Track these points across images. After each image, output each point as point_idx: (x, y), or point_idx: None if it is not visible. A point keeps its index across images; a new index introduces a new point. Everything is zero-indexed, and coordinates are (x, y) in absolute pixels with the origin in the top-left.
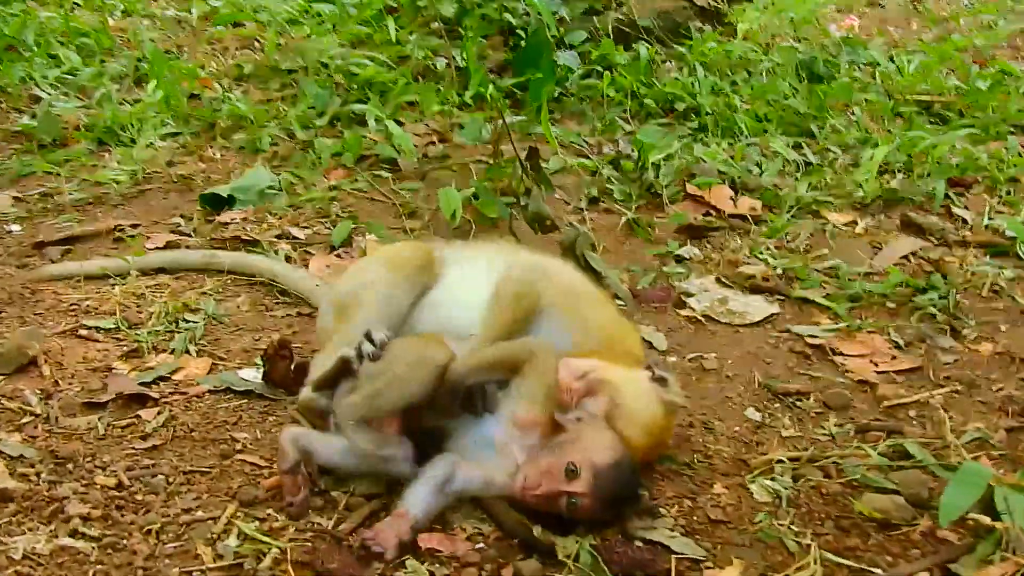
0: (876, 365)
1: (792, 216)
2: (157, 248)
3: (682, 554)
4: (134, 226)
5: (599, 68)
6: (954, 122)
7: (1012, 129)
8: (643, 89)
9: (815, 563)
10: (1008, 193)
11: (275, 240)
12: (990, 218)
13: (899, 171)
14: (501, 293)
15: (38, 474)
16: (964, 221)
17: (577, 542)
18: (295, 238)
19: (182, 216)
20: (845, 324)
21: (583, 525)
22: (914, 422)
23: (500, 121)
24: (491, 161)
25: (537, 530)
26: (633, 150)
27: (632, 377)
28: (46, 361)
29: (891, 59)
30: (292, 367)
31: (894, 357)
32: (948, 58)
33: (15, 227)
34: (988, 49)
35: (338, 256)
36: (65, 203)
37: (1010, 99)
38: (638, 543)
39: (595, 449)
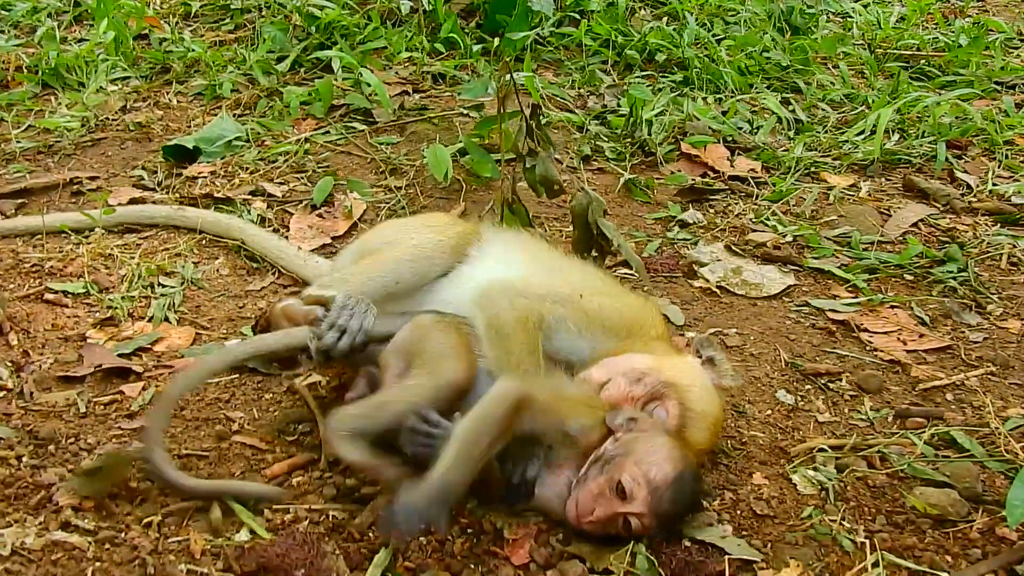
0: (904, 343)
1: (793, 178)
2: (121, 204)
3: (735, 555)
4: (92, 178)
5: (574, 15)
6: (937, 78)
7: (997, 87)
8: (621, 39)
9: (879, 567)
10: (1007, 156)
11: (249, 197)
12: (993, 183)
13: (893, 132)
14: (501, 324)
15: (19, 457)
16: (968, 186)
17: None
18: (271, 195)
19: (144, 168)
20: (867, 298)
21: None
22: (952, 406)
23: (506, 76)
24: (479, 116)
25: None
26: (619, 104)
27: (689, 369)
28: (12, 328)
29: (865, 6)
30: None
31: (922, 335)
32: (926, 11)
33: None
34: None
35: (320, 216)
36: (13, 151)
37: (995, 55)
38: (687, 542)
39: (650, 462)
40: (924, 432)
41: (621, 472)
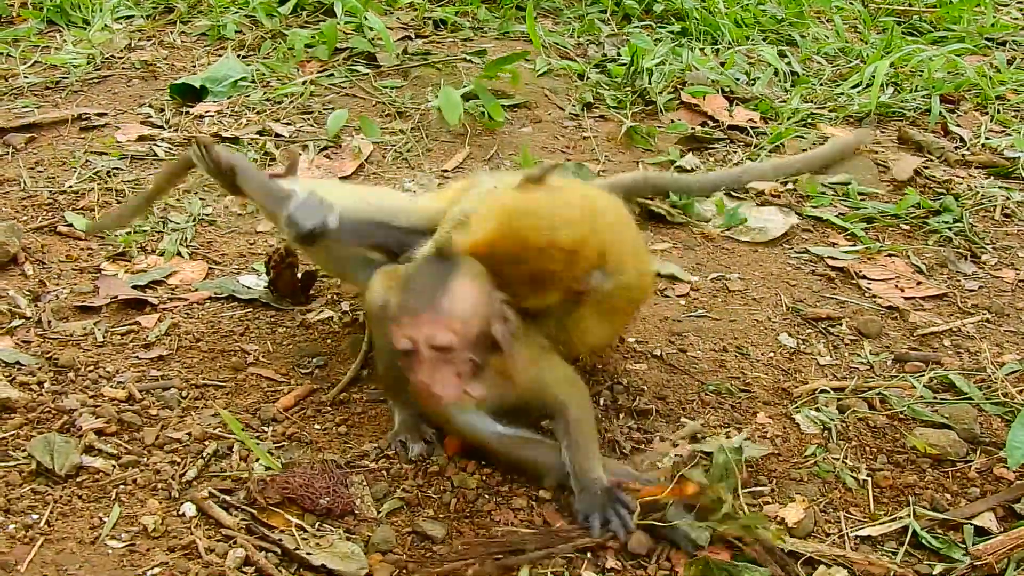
0: (902, 291)
1: (790, 129)
2: (130, 140)
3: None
4: (100, 115)
5: None
6: (929, 34)
7: (988, 43)
8: None
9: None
10: (999, 111)
11: (257, 137)
12: (986, 138)
13: (887, 86)
14: None
15: (40, 383)
16: (961, 139)
17: None
18: (278, 135)
19: (151, 106)
20: (865, 247)
21: None
22: (950, 352)
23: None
24: (481, 62)
25: None
26: (619, 54)
27: None
28: (27, 259)
29: None
30: (298, 277)
31: (919, 283)
32: None
33: None
34: None
35: (327, 157)
36: (21, 87)
37: (986, 12)
38: None
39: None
40: (923, 376)
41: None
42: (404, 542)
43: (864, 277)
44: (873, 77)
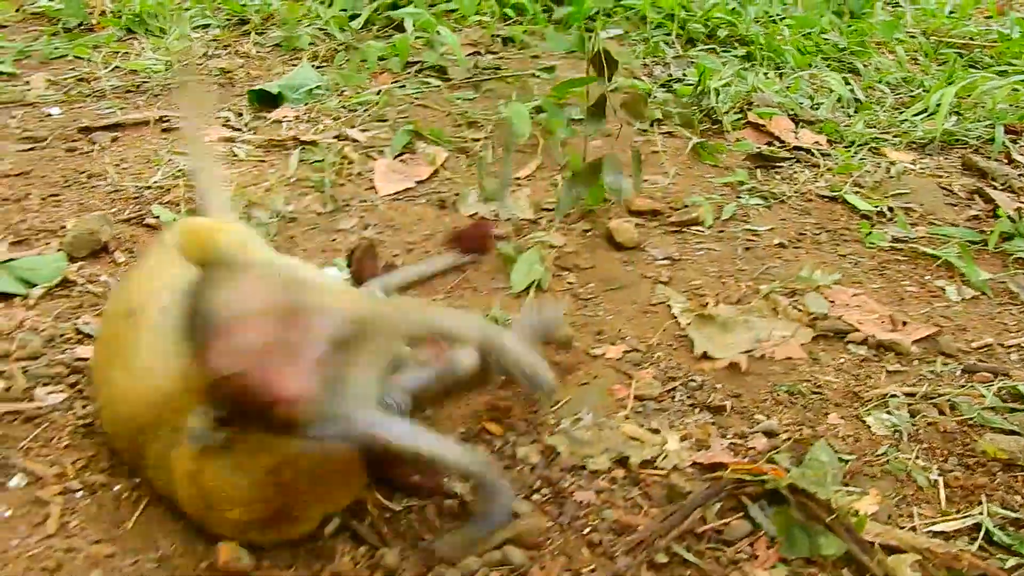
0: None
1: (856, 153)
2: (212, 141)
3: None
4: (180, 117)
5: None
6: (991, 67)
7: None
8: (684, 13)
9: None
10: None
11: (333, 141)
12: None
13: (950, 114)
14: None
15: None
16: None
17: None
18: (355, 140)
19: (230, 110)
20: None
21: None
22: (1017, 365)
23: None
24: (550, 77)
25: None
26: (685, 75)
27: None
28: (117, 248)
29: None
30: (379, 267)
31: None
32: (979, 2)
33: (55, 110)
34: None
35: (403, 162)
36: (103, 89)
37: None
38: None
39: None
40: (992, 385)
41: None
42: None
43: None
44: (938, 105)
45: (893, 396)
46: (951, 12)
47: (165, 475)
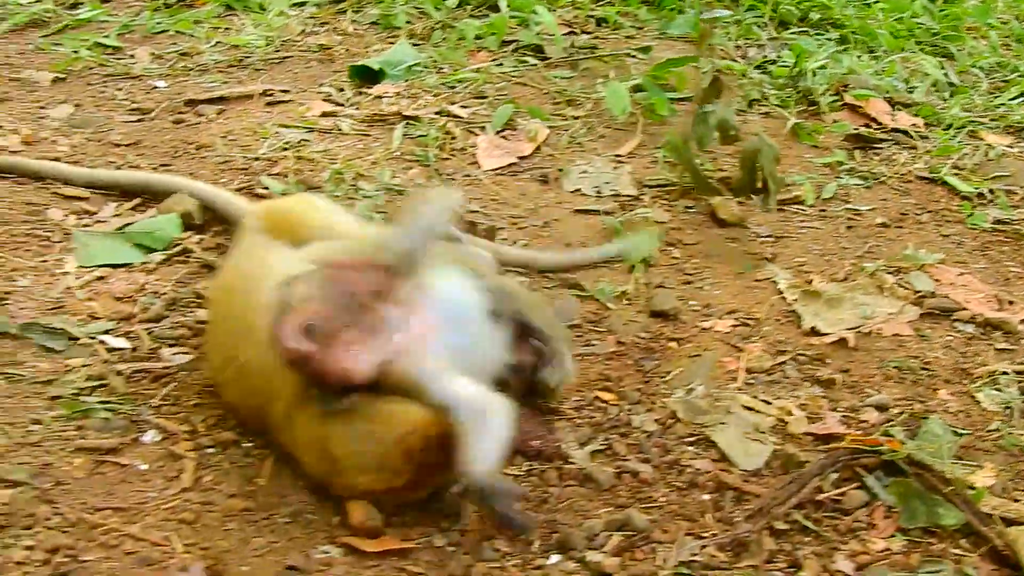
0: None
1: (954, 136)
2: (314, 115)
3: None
4: (284, 91)
5: None
6: None
7: None
8: None
9: None
10: None
11: (435, 116)
12: None
13: None
14: None
15: None
16: None
17: None
18: (457, 116)
19: (331, 86)
20: None
21: None
22: None
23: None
24: (647, 57)
25: None
26: (779, 57)
27: None
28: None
29: None
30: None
31: None
32: None
33: (161, 83)
34: None
35: (504, 138)
36: (207, 64)
37: None
38: None
39: None
40: None
41: None
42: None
43: None
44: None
45: (1004, 374)
46: None
47: (289, 439)
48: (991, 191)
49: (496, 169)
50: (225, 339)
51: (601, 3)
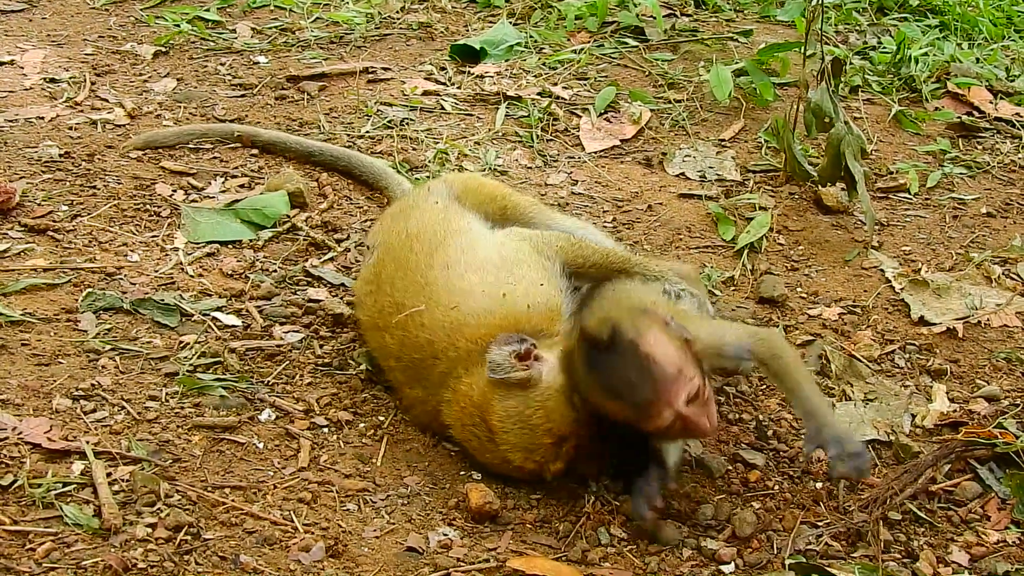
0: None
1: None
2: (416, 94)
3: None
4: (385, 69)
5: None
6: None
7: None
8: None
9: None
10: None
11: (537, 97)
12: None
13: None
14: None
15: None
16: None
17: None
18: (559, 97)
19: (432, 64)
20: None
21: None
22: None
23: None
24: (747, 41)
25: None
26: (880, 43)
27: None
28: (334, 193)
29: None
30: None
31: None
32: None
33: (262, 59)
34: None
35: (607, 120)
36: (308, 40)
37: None
38: None
39: None
40: None
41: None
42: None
43: None
44: None
45: None
46: None
47: (439, 397)
48: None
49: (599, 151)
50: (394, 285)
51: None
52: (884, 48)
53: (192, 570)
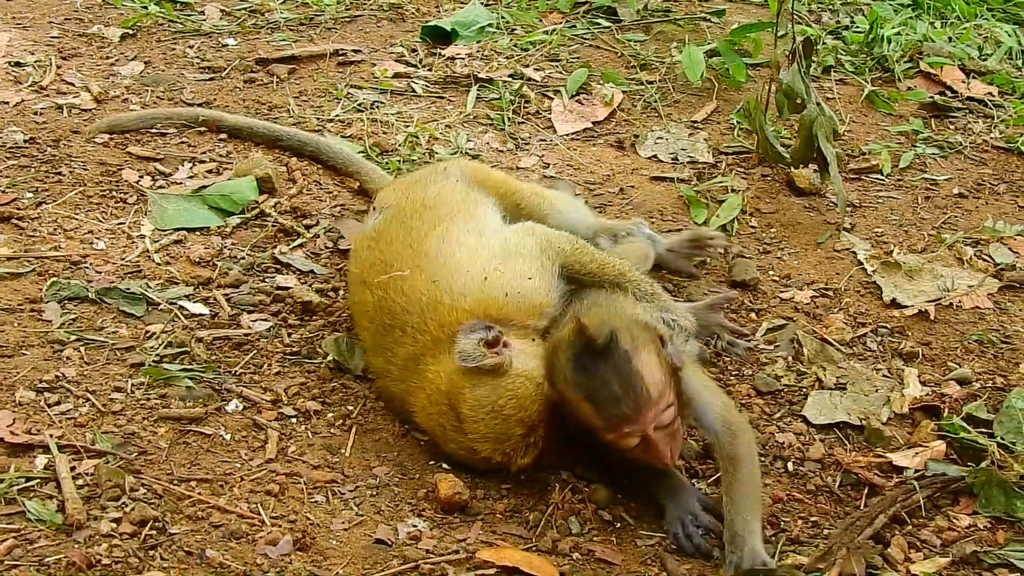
0: None
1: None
2: (387, 76)
3: None
4: (355, 51)
5: None
6: None
7: None
8: None
9: None
10: None
11: (508, 79)
12: None
13: None
14: None
15: (334, 290)
16: None
17: None
18: (531, 79)
19: (403, 46)
20: None
21: None
22: None
23: None
24: (719, 21)
25: None
26: (853, 22)
27: None
28: (303, 178)
29: None
30: None
31: None
32: None
33: (231, 41)
34: None
35: (579, 102)
36: (278, 22)
37: None
38: None
39: None
40: None
41: None
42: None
43: None
44: None
45: None
46: None
47: (406, 383)
48: None
49: (571, 134)
50: (390, 245)
51: None
52: (857, 28)
53: (157, 565)
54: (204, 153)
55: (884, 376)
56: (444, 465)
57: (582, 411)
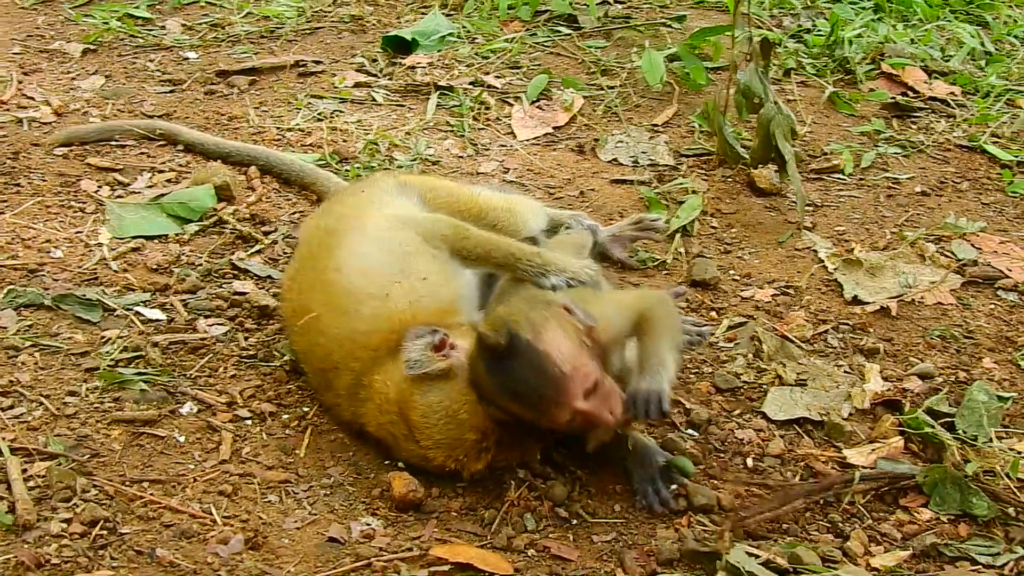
0: None
1: (992, 104)
2: (347, 87)
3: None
4: (316, 62)
5: None
6: None
7: None
8: None
9: None
10: None
11: (469, 87)
12: None
13: None
14: None
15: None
16: None
17: None
18: (491, 87)
19: (364, 56)
20: None
21: None
22: None
23: None
24: (680, 27)
25: None
26: (815, 25)
27: None
28: (263, 187)
29: None
30: None
31: None
32: None
33: (191, 54)
34: None
35: (539, 108)
36: (239, 34)
37: None
38: None
39: None
40: None
41: None
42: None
43: None
44: None
45: None
46: None
47: (354, 406)
48: None
49: (532, 139)
50: (302, 286)
51: None
52: (818, 31)
53: (107, 564)
54: (163, 163)
55: (845, 372)
56: (399, 464)
57: (516, 411)
